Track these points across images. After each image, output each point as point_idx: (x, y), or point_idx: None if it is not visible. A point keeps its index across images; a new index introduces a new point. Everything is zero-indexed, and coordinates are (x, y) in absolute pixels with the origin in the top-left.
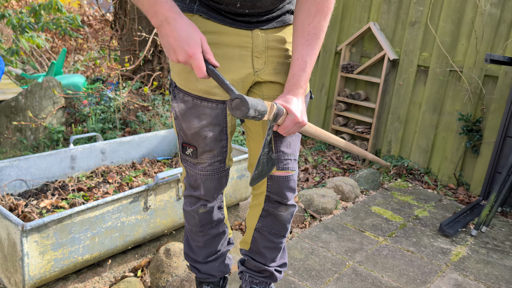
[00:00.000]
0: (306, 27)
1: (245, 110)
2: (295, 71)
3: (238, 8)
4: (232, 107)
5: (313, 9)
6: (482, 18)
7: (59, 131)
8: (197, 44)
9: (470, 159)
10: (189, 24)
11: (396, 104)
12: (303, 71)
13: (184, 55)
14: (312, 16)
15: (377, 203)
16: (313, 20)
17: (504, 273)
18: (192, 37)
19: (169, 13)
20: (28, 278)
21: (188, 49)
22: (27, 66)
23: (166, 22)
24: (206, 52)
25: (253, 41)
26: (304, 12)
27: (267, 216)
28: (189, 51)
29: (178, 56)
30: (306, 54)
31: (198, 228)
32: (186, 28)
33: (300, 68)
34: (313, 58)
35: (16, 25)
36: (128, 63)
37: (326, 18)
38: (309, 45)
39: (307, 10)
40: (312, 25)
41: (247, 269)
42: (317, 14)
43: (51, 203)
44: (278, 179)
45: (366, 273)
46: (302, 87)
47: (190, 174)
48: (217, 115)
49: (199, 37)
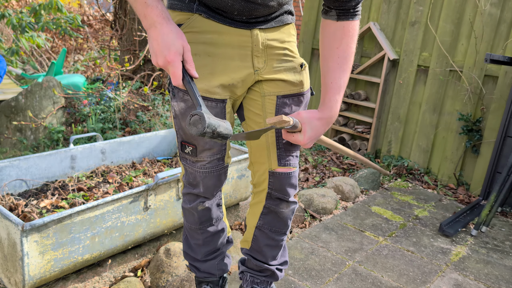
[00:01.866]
0: (335, 51)
1: (200, 128)
2: (331, 95)
3: (236, 15)
4: (189, 122)
5: (339, 32)
6: (482, 18)
7: (59, 131)
8: (178, 52)
9: (470, 159)
10: (175, 31)
11: (396, 104)
12: (338, 95)
13: (163, 60)
14: (339, 39)
15: (377, 203)
16: (341, 43)
17: (504, 273)
18: (174, 44)
19: (157, 18)
20: (28, 278)
21: (168, 55)
22: (27, 66)
23: (154, 26)
24: (187, 62)
25: (252, 40)
26: (330, 36)
27: (268, 214)
28: (168, 57)
29: (158, 60)
30: (338, 77)
31: (197, 225)
32: (170, 35)
33: (335, 92)
34: (345, 81)
35: (16, 25)
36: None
37: (353, 40)
38: (340, 68)
39: (333, 33)
40: (341, 48)
41: (248, 269)
42: (344, 37)
43: (51, 203)
44: (280, 176)
45: (366, 273)
46: (336, 113)
47: (189, 172)
48: (217, 113)
49: (181, 45)
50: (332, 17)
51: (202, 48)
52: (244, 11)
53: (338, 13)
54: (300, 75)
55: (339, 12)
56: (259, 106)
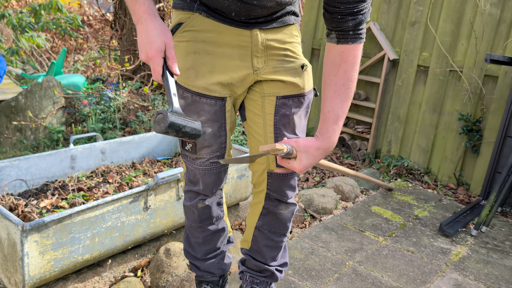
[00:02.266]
0: (332, 78)
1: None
2: (328, 125)
3: (234, 16)
4: (154, 120)
5: (337, 59)
6: (482, 18)
7: (59, 131)
8: (159, 49)
9: (470, 159)
10: (159, 28)
11: (396, 104)
12: (335, 125)
13: (144, 56)
14: (337, 66)
15: (377, 203)
16: (338, 71)
17: (504, 273)
18: (156, 41)
19: (143, 14)
20: (28, 278)
21: (149, 51)
22: (27, 66)
23: (140, 22)
24: (169, 59)
25: (252, 40)
26: (329, 63)
27: (267, 214)
28: (149, 54)
29: (141, 55)
30: (336, 107)
31: (197, 223)
32: (153, 31)
33: (333, 121)
34: (344, 110)
35: (16, 25)
36: (128, 63)
37: (353, 67)
38: (338, 97)
39: (332, 60)
40: (338, 75)
41: (247, 269)
42: (342, 64)
43: (51, 203)
44: (278, 177)
45: (366, 273)
46: (334, 142)
47: (190, 169)
48: (216, 111)
49: (163, 42)
50: (333, 40)
51: (202, 47)
52: (241, 12)
53: (338, 35)
54: (302, 76)
55: (338, 34)
56: (259, 106)
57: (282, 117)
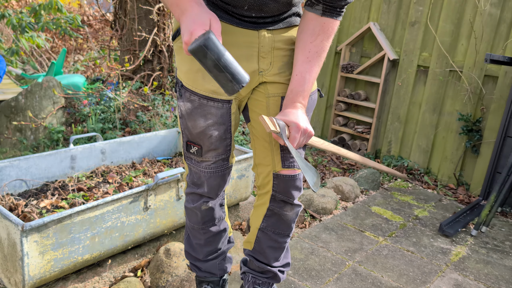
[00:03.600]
0: (308, 45)
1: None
2: (293, 87)
3: (246, 10)
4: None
5: (317, 28)
6: (482, 18)
7: (59, 131)
8: (203, 23)
9: (470, 159)
10: (205, 10)
11: (396, 104)
12: (301, 87)
13: (187, 35)
14: (316, 34)
15: (377, 203)
16: (316, 39)
17: (504, 273)
18: (200, 18)
19: (189, 3)
20: (28, 278)
21: (192, 26)
22: (27, 66)
23: (184, 12)
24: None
25: (259, 41)
26: (308, 30)
27: (272, 216)
28: (191, 28)
29: (184, 37)
30: (305, 71)
31: (200, 225)
32: (199, 13)
33: (298, 84)
34: (312, 75)
35: (16, 25)
36: (128, 63)
37: (329, 39)
38: (308, 62)
39: (311, 28)
40: (314, 43)
41: (250, 270)
42: (321, 33)
43: (51, 203)
44: (284, 178)
45: (366, 273)
46: (301, 102)
47: (194, 171)
48: (223, 114)
49: (208, 18)
50: (317, 11)
51: None
52: (254, 6)
53: (325, 8)
54: None
55: (325, 7)
56: (264, 107)
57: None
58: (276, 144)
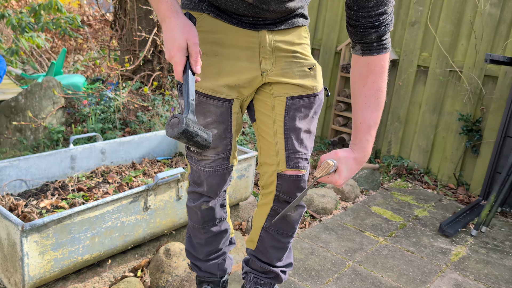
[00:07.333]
0: (361, 90)
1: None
2: (362, 136)
3: (242, 17)
4: (168, 122)
5: (364, 70)
6: (482, 18)
7: (59, 131)
8: (181, 47)
9: (470, 159)
10: (182, 25)
11: (396, 104)
12: (368, 135)
13: (168, 54)
14: (365, 77)
15: (377, 203)
16: (367, 82)
17: (504, 273)
18: (177, 39)
19: (166, 12)
20: (28, 278)
21: (171, 49)
22: (27, 66)
23: (164, 20)
24: (191, 56)
25: (260, 41)
26: (357, 74)
27: (275, 216)
28: (171, 52)
29: (166, 54)
30: (367, 117)
31: (200, 224)
32: (176, 29)
33: (365, 132)
34: (376, 120)
35: (16, 25)
36: (128, 63)
37: (381, 77)
38: (368, 108)
39: (359, 71)
40: (366, 86)
41: (252, 270)
42: (370, 75)
43: (51, 203)
44: (288, 179)
45: (366, 273)
46: (369, 152)
47: (194, 170)
48: (222, 113)
49: (184, 40)
50: (358, 52)
51: (210, 48)
52: (250, 14)
53: (362, 47)
54: (311, 77)
55: (363, 46)
56: (269, 107)
57: (292, 117)
58: (281, 144)
